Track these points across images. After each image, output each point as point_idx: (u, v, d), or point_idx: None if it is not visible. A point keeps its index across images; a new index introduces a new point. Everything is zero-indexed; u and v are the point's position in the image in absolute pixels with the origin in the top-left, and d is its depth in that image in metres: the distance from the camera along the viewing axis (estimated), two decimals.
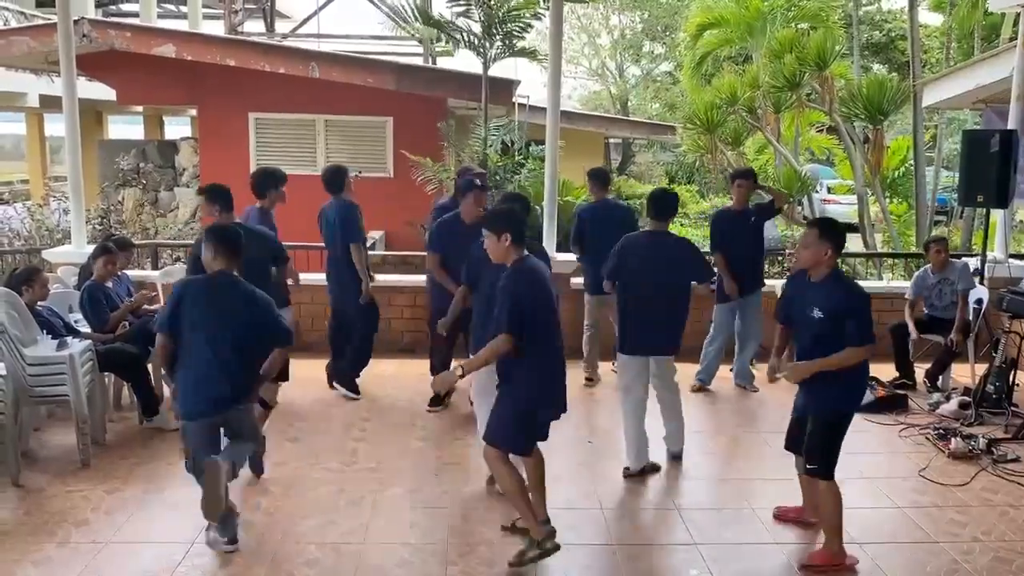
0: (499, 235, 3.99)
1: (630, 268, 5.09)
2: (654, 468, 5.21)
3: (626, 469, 5.14)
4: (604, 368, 7.02)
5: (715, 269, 6.55)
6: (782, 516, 4.58)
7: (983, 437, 5.64)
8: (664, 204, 5.23)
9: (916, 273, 7.36)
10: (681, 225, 17.10)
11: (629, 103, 30.79)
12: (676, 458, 5.37)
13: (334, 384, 6.71)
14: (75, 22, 9.39)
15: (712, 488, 5.18)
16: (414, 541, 4.32)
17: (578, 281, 7.42)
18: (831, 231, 4.07)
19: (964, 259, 7.32)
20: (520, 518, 4.19)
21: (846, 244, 4.22)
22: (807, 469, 4.19)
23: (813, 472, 4.15)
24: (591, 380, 7.06)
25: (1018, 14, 8.07)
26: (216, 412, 4.20)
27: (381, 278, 7.26)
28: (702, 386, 6.93)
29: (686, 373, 7.09)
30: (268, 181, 6.14)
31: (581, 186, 14.89)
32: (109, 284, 6.11)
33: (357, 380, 6.67)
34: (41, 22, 14.20)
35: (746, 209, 6.82)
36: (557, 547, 4.04)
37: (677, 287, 5.14)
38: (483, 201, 5.91)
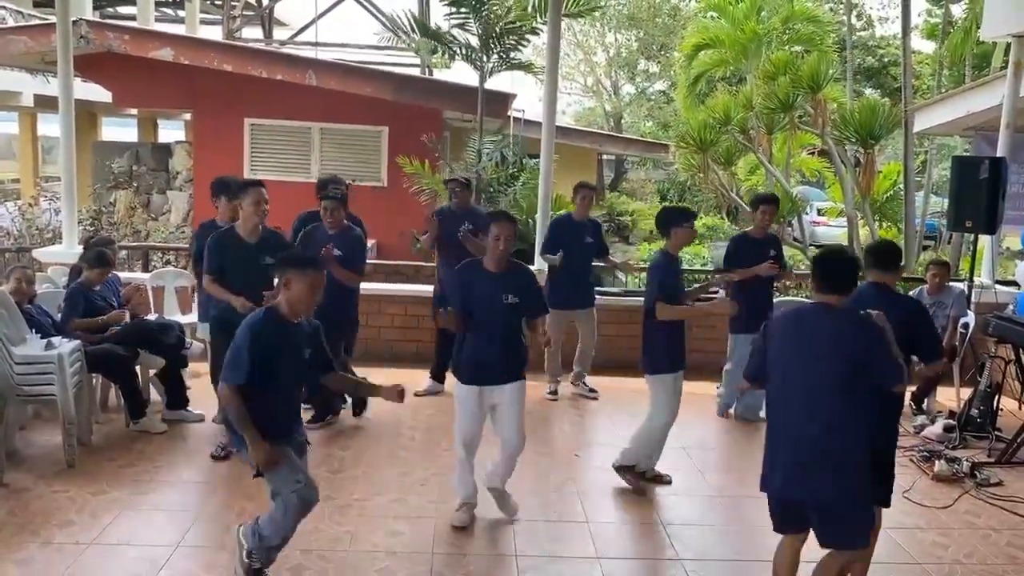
0: None
1: None
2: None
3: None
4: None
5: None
6: None
7: (967, 460, 5.68)
8: None
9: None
10: None
11: (623, 120, 30.94)
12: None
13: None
14: (73, 23, 9.40)
15: (699, 504, 5.19)
16: (399, 550, 4.32)
17: None
18: None
19: (962, 285, 7.33)
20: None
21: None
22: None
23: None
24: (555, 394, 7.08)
25: (1009, 43, 8.18)
26: None
27: (373, 287, 7.28)
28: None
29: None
30: (218, 188, 5.99)
31: (573, 202, 14.94)
32: (96, 288, 6.10)
33: None
34: (38, 22, 14.19)
35: (768, 236, 6.58)
36: None
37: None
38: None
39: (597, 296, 7.33)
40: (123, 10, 24.56)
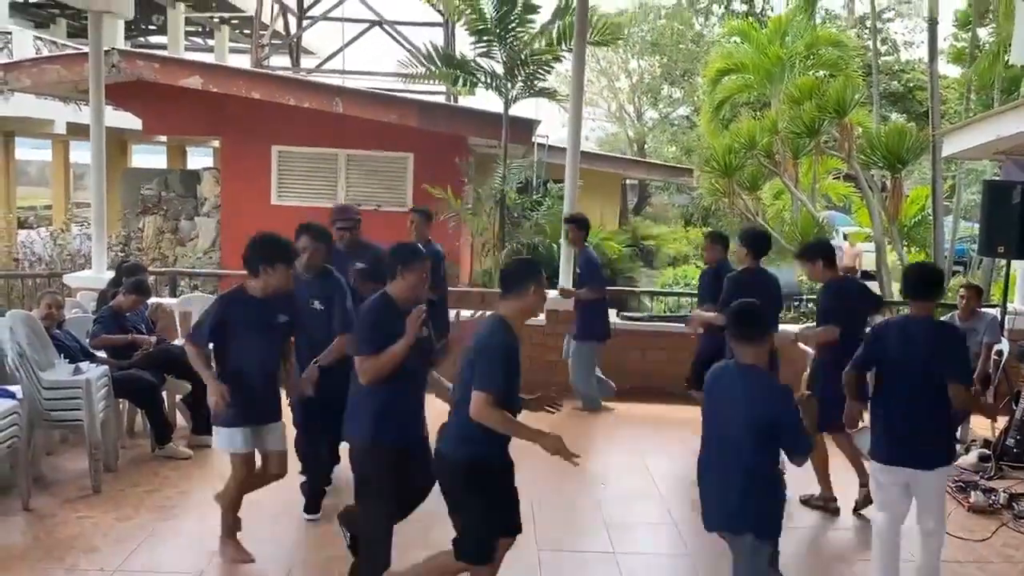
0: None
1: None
2: None
3: None
4: None
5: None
6: None
7: (1004, 491, 5.54)
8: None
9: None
10: (696, 267, 17.08)
11: (646, 145, 30.99)
12: None
13: None
14: (105, 53, 9.56)
15: None
16: None
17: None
18: None
19: (994, 312, 7.18)
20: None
21: None
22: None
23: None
24: None
25: None
26: None
27: None
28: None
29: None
30: (269, 252, 4.29)
31: (597, 226, 14.93)
32: (127, 314, 6.18)
33: None
34: (72, 51, 14.48)
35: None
36: None
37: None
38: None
39: (623, 321, 7.93)
40: (154, 39, 25.08)
